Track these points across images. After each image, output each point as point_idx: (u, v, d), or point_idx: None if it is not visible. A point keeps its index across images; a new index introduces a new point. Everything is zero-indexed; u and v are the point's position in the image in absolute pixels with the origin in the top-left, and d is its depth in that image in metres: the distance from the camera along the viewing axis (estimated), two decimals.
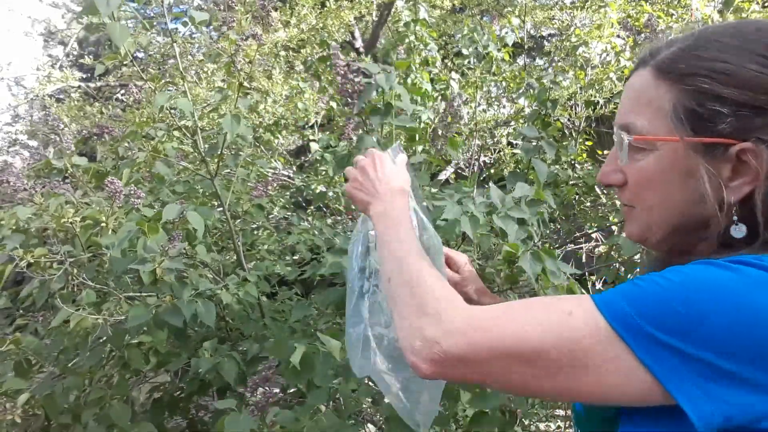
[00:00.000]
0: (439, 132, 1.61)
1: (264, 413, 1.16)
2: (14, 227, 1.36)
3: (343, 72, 1.37)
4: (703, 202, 0.67)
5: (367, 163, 0.94)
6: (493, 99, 3.00)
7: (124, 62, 1.30)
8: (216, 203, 1.71)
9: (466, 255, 1.21)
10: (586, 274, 2.96)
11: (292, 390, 1.84)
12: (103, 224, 1.37)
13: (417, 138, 1.86)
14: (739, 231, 0.67)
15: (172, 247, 1.29)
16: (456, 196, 1.33)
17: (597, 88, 2.49)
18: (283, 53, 4.05)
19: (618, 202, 0.84)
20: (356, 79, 1.36)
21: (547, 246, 2.67)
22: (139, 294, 1.40)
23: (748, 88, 0.63)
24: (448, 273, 1.13)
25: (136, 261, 1.30)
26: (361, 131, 1.46)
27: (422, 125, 1.93)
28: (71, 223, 1.34)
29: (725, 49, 0.66)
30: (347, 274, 1.03)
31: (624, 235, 0.81)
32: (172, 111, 1.66)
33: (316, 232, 1.98)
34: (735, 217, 0.67)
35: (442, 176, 3.42)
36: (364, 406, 1.86)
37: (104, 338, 1.38)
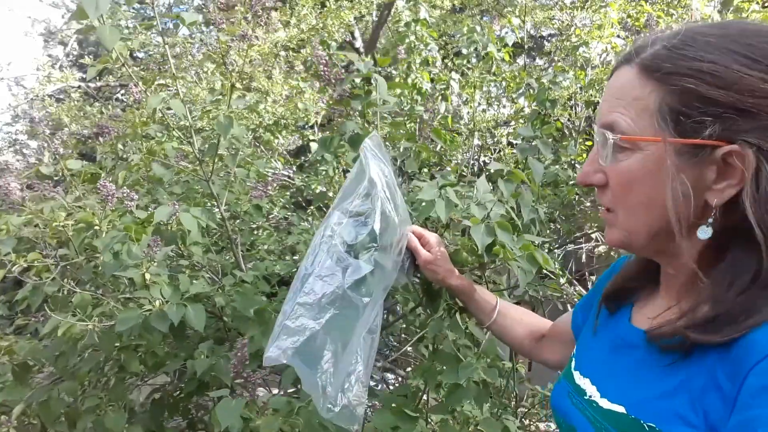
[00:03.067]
0: (429, 123, 1.61)
1: (252, 392, 1.17)
2: (7, 234, 1.36)
3: (324, 62, 1.40)
4: (686, 206, 0.65)
5: None
6: (493, 99, 2.99)
7: (117, 65, 1.29)
8: (213, 204, 1.70)
9: (438, 236, 1.22)
10: (586, 274, 2.96)
11: (291, 390, 1.84)
12: (97, 227, 1.36)
13: (416, 135, 1.86)
14: (704, 232, 0.66)
15: (154, 251, 1.29)
16: (440, 182, 1.33)
17: (597, 88, 2.48)
18: (283, 53, 4.05)
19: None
20: (335, 69, 1.40)
21: (546, 245, 2.67)
22: (132, 297, 1.39)
23: (733, 90, 0.61)
24: (422, 252, 1.16)
25: (121, 266, 1.30)
26: (343, 118, 1.48)
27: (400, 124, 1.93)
28: (63, 226, 1.33)
29: (710, 49, 0.63)
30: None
31: (606, 242, 0.79)
32: (171, 111, 1.65)
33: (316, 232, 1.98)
34: (710, 219, 0.65)
35: None
36: None
37: (95, 343, 1.37)
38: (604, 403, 0.73)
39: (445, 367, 1.34)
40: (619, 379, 0.74)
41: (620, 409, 0.70)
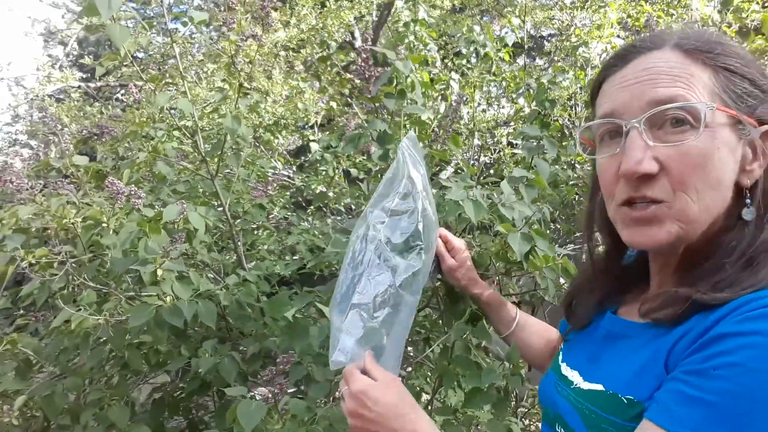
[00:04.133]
0: (439, 131, 1.61)
1: (277, 401, 1.15)
2: (15, 227, 1.36)
3: (365, 57, 1.38)
4: (732, 187, 0.66)
5: (356, 406, 0.84)
6: (493, 99, 3.00)
7: (124, 63, 1.30)
8: (216, 203, 1.71)
9: (465, 241, 1.22)
10: None
11: (292, 390, 1.85)
12: (104, 224, 1.37)
13: (424, 133, 1.87)
14: (749, 213, 0.65)
15: (174, 248, 1.29)
16: (461, 183, 1.33)
17: None
18: (283, 53, 4.06)
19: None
20: (372, 67, 1.39)
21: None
22: (139, 294, 1.39)
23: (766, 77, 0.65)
24: (447, 258, 1.16)
25: (137, 262, 1.30)
26: (373, 116, 1.47)
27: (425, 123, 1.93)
28: (72, 223, 1.34)
29: (734, 45, 0.67)
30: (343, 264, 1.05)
31: (638, 244, 0.71)
32: (172, 111, 1.66)
33: (316, 232, 1.98)
34: (748, 200, 0.66)
35: (443, 176, 3.42)
36: None
37: (104, 338, 1.37)
38: (585, 385, 0.74)
39: (467, 372, 1.33)
40: (601, 364, 0.75)
41: (598, 387, 0.70)
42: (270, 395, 1.09)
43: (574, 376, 0.79)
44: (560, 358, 0.88)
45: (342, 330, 0.95)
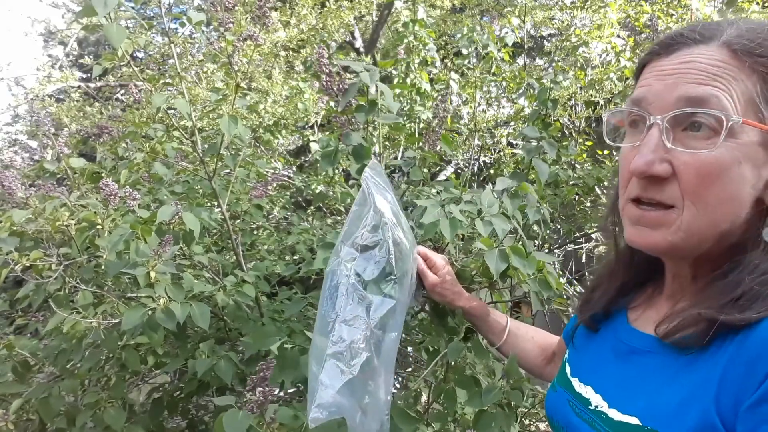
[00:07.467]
0: (436, 129, 1.60)
1: (263, 410, 1.15)
2: (10, 230, 1.36)
3: (327, 71, 1.34)
4: (752, 203, 0.62)
5: None
6: (493, 99, 2.99)
7: (123, 63, 1.30)
8: (215, 203, 1.70)
9: (445, 256, 1.21)
10: (586, 274, 2.96)
11: (291, 390, 1.84)
12: (99, 226, 1.36)
13: (415, 135, 1.86)
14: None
15: (164, 250, 1.28)
16: (443, 194, 1.31)
17: (597, 88, 2.49)
18: (283, 53, 4.05)
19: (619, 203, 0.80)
20: (339, 76, 1.35)
21: (546, 245, 2.66)
22: (135, 295, 1.39)
23: None
24: (429, 275, 1.14)
25: (129, 265, 1.29)
26: (347, 129, 1.44)
27: (420, 125, 1.93)
28: (66, 225, 1.33)
29: None
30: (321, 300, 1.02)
31: (635, 244, 0.70)
32: (171, 111, 1.66)
33: (316, 232, 1.98)
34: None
35: (442, 176, 3.42)
36: None
37: (99, 342, 1.37)
38: (615, 415, 0.68)
39: (468, 392, 1.31)
40: (630, 389, 0.70)
41: (634, 420, 0.65)
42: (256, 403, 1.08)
43: (589, 394, 0.74)
44: (568, 371, 0.84)
45: (319, 384, 0.91)
